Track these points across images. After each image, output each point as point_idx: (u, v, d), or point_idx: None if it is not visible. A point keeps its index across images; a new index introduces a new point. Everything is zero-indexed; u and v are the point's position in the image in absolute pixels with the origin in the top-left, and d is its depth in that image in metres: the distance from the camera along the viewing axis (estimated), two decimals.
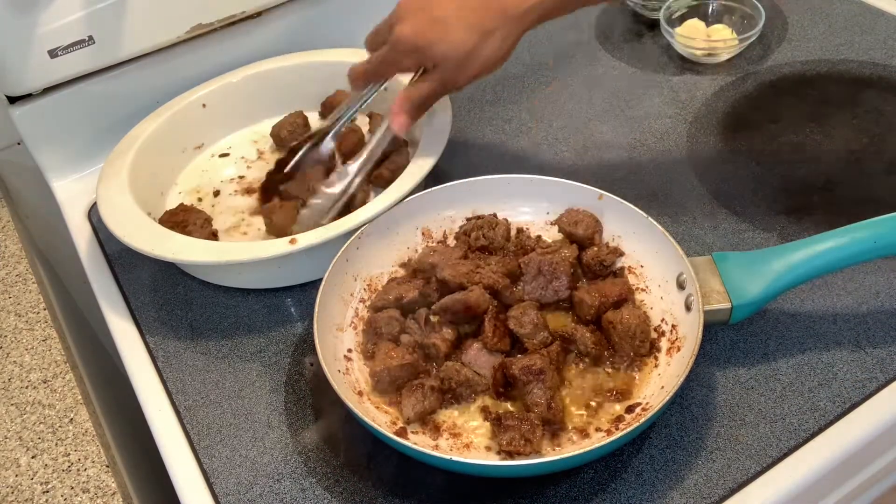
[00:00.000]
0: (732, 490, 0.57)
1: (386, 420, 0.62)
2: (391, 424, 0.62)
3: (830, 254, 0.62)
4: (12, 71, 0.83)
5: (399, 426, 0.61)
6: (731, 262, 0.64)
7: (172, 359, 0.72)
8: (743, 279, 0.63)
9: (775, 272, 0.62)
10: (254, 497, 0.61)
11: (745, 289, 0.62)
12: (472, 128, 0.92)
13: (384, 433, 0.56)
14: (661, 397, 0.57)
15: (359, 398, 0.63)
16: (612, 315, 0.64)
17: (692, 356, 0.58)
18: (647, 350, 0.63)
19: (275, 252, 0.69)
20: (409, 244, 0.74)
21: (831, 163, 0.81)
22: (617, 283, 0.67)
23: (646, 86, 0.94)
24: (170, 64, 0.91)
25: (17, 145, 0.96)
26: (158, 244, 0.72)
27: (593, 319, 0.65)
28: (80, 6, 0.82)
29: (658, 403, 0.56)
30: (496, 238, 0.72)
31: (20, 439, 0.65)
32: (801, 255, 0.62)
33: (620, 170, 0.83)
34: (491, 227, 0.73)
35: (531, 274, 0.68)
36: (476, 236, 0.72)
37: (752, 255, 0.64)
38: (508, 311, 0.65)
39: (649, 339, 0.64)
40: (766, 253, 0.64)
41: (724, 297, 0.62)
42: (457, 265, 0.68)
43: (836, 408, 0.61)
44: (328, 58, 0.92)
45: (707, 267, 0.64)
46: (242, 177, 0.87)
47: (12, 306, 0.77)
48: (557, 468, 0.58)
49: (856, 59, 0.92)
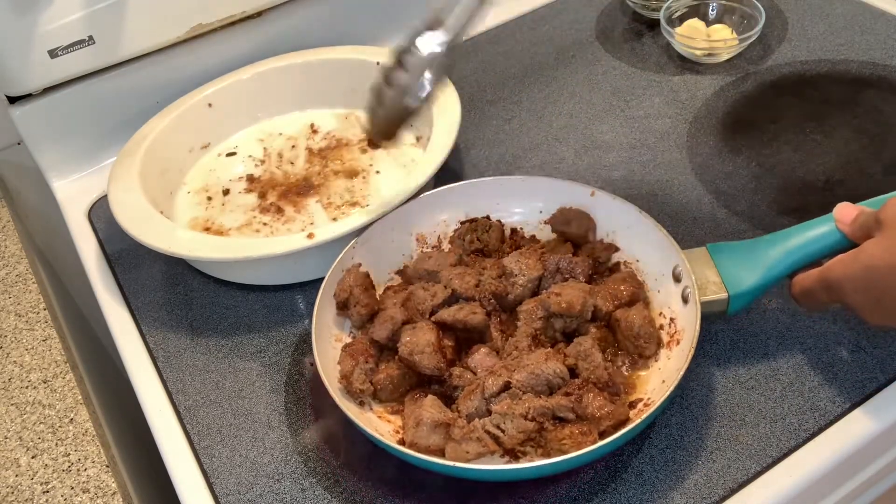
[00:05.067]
0: (732, 490, 0.57)
1: (388, 429, 0.62)
2: (394, 434, 0.61)
3: (824, 238, 0.61)
4: (12, 71, 0.83)
5: (401, 436, 0.61)
6: (726, 252, 0.64)
7: (172, 359, 0.72)
8: (738, 269, 0.62)
9: (771, 260, 0.62)
10: (254, 497, 0.61)
11: (741, 278, 0.62)
12: (472, 128, 0.92)
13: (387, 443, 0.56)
14: (662, 391, 0.57)
15: (360, 408, 0.63)
16: (619, 313, 0.64)
17: (692, 348, 0.57)
18: (651, 351, 0.63)
19: (291, 248, 0.69)
20: (403, 251, 0.74)
21: (831, 163, 0.81)
22: (629, 282, 0.67)
23: (646, 86, 0.94)
24: (170, 64, 0.91)
25: (17, 145, 0.97)
26: (174, 242, 0.72)
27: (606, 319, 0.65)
28: (80, 6, 0.82)
29: (659, 398, 0.56)
30: (491, 241, 0.72)
31: (20, 439, 0.65)
32: (795, 241, 0.62)
33: (620, 170, 0.83)
34: (485, 229, 0.72)
35: (550, 270, 0.68)
36: (470, 239, 0.72)
37: (747, 245, 0.64)
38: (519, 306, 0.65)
39: (655, 341, 0.63)
40: (761, 242, 0.64)
41: (721, 287, 0.62)
42: (463, 276, 0.67)
43: (836, 408, 0.61)
44: (334, 55, 0.92)
45: (702, 258, 0.64)
46: (251, 175, 0.87)
47: (12, 306, 0.77)
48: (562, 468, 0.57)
49: (856, 59, 0.92)
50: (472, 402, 0.59)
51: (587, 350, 0.60)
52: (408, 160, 0.86)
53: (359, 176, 0.85)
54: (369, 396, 0.63)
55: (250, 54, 0.93)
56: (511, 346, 0.64)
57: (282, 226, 0.80)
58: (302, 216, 0.81)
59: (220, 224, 0.82)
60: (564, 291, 0.64)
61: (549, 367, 0.59)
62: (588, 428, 0.57)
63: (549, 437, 0.57)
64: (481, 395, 0.59)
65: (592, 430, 0.57)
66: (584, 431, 0.56)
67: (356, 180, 0.84)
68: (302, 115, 0.94)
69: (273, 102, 0.93)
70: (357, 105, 0.93)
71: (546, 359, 0.60)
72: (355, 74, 0.91)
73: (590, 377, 0.59)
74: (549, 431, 0.57)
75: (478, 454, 0.57)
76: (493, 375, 0.60)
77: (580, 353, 0.60)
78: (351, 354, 0.64)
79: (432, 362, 0.61)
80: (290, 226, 0.80)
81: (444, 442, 0.58)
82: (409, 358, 0.62)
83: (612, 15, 1.05)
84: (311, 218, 0.81)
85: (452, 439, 0.57)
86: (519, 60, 1.00)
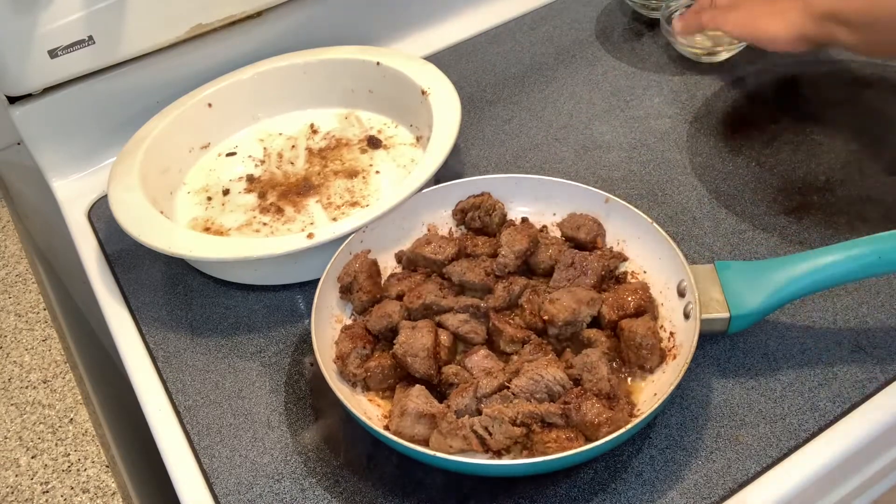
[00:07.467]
0: (732, 490, 0.57)
1: (378, 413, 0.62)
2: (383, 418, 0.62)
3: (833, 268, 0.61)
4: (12, 71, 0.83)
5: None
6: (733, 271, 0.64)
7: (172, 359, 0.72)
8: (743, 289, 0.62)
9: (776, 284, 0.62)
10: (254, 497, 0.61)
11: (744, 299, 0.62)
12: (472, 128, 0.92)
13: (375, 429, 0.57)
14: (651, 404, 0.58)
15: (352, 389, 0.63)
16: (625, 323, 0.63)
17: (685, 364, 0.57)
18: (654, 364, 0.62)
19: (291, 248, 0.69)
20: (413, 240, 0.74)
21: (831, 163, 0.81)
22: (639, 293, 0.66)
23: (646, 86, 0.94)
24: (170, 64, 0.91)
25: (17, 145, 0.97)
26: (174, 242, 0.72)
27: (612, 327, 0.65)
28: (80, 6, 0.82)
29: (647, 410, 0.56)
30: (491, 224, 0.73)
31: (20, 439, 0.65)
32: (803, 267, 0.62)
33: (620, 170, 0.83)
34: (488, 212, 0.73)
35: (564, 263, 0.68)
36: (472, 216, 0.74)
37: (755, 266, 0.64)
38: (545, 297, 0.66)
39: (657, 353, 0.62)
40: (769, 264, 0.64)
41: (724, 306, 0.62)
42: (473, 267, 0.68)
43: (836, 408, 0.61)
44: (334, 55, 0.92)
45: (709, 275, 0.64)
46: (251, 175, 0.87)
47: (12, 306, 0.77)
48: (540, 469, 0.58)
49: (856, 59, 0.92)
50: (464, 399, 0.59)
51: (594, 363, 0.60)
52: (408, 160, 0.86)
53: (359, 176, 0.85)
54: (360, 382, 0.64)
55: (250, 54, 0.93)
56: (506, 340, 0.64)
57: (282, 226, 0.80)
58: (302, 216, 0.81)
59: (220, 224, 0.82)
60: (562, 298, 0.64)
61: (549, 373, 0.59)
62: (575, 434, 0.57)
63: (535, 440, 0.57)
64: (473, 394, 0.59)
65: (579, 437, 0.57)
66: (570, 437, 0.57)
67: (356, 180, 0.84)
68: (302, 115, 0.94)
69: (273, 102, 0.93)
70: (357, 105, 0.94)
71: (547, 365, 0.60)
72: (355, 74, 0.91)
73: (592, 388, 0.59)
74: (535, 434, 0.57)
75: (460, 451, 0.57)
76: (489, 376, 0.60)
77: (586, 365, 0.60)
78: (350, 337, 0.65)
79: (424, 367, 0.62)
80: (290, 226, 0.80)
81: (429, 432, 0.58)
82: (402, 358, 0.62)
83: (612, 15, 1.05)
84: (311, 218, 0.81)
85: (438, 431, 0.58)
86: (519, 60, 1.00)
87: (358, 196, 0.82)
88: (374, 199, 0.81)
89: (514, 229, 0.71)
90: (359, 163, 0.87)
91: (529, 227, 0.72)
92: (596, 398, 0.58)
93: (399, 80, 0.88)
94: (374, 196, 0.82)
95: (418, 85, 0.85)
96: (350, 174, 0.85)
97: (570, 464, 0.58)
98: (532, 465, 0.55)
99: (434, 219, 0.76)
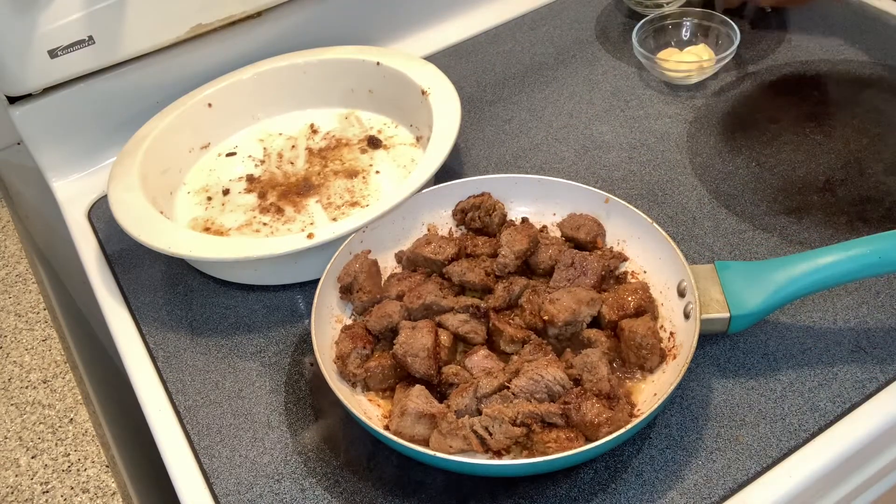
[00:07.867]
0: (732, 490, 0.57)
1: (378, 413, 0.62)
2: (383, 418, 0.62)
3: (833, 267, 0.61)
4: (12, 71, 0.83)
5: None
6: (733, 271, 0.64)
7: (172, 359, 0.72)
8: (743, 290, 0.62)
9: (776, 284, 0.62)
10: (254, 497, 0.61)
11: (744, 299, 0.62)
12: (472, 128, 0.92)
13: (375, 429, 0.57)
14: (651, 404, 0.58)
15: (352, 389, 0.63)
16: (625, 323, 0.63)
17: (685, 364, 0.57)
18: (654, 364, 0.62)
19: (291, 248, 0.69)
20: (413, 240, 0.75)
21: (831, 163, 0.81)
22: (639, 294, 0.66)
23: (646, 86, 0.94)
24: (170, 64, 0.91)
25: (17, 145, 0.97)
26: (174, 242, 0.72)
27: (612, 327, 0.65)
28: (80, 6, 0.82)
29: (647, 410, 0.56)
30: (491, 224, 0.73)
31: (20, 439, 0.65)
32: (803, 267, 0.62)
33: (620, 170, 0.83)
34: (488, 212, 0.74)
35: (564, 263, 0.68)
36: (472, 217, 0.74)
37: (755, 266, 0.64)
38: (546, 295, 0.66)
39: (657, 353, 0.62)
40: (769, 264, 0.64)
41: (724, 306, 0.62)
42: (473, 268, 0.69)
43: (836, 408, 0.61)
44: (334, 55, 0.92)
45: (709, 275, 0.64)
46: (251, 175, 0.87)
47: (12, 306, 0.77)
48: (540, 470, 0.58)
49: (856, 59, 0.92)
50: (464, 399, 0.59)
51: (594, 363, 0.60)
52: (408, 160, 0.86)
53: (359, 176, 0.85)
54: (360, 382, 0.64)
55: (250, 54, 0.93)
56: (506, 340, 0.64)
57: (282, 226, 0.80)
58: (302, 216, 0.81)
59: (220, 224, 0.82)
60: (562, 298, 0.64)
61: (549, 373, 0.59)
62: (575, 434, 0.57)
63: (535, 440, 0.57)
64: (473, 394, 0.59)
65: (579, 437, 0.57)
66: (570, 437, 0.57)
67: (356, 180, 0.84)
68: (302, 115, 0.94)
69: (273, 102, 0.93)
70: (357, 105, 0.94)
71: (547, 365, 0.60)
72: (355, 74, 0.91)
73: (591, 388, 0.59)
74: (535, 434, 0.57)
75: (460, 451, 0.57)
76: (489, 376, 0.60)
77: (586, 365, 0.60)
78: (350, 337, 0.65)
79: (424, 367, 0.62)
80: (290, 226, 0.80)
81: (429, 432, 0.58)
82: (402, 358, 0.62)
83: (611, 15, 1.05)
84: (311, 218, 0.81)
85: (438, 431, 0.58)
86: (519, 60, 1.00)
87: (358, 196, 0.82)
88: (374, 199, 0.81)
89: (514, 229, 0.71)
90: (359, 163, 0.87)
91: (529, 227, 0.72)
92: (596, 398, 0.58)
93: (399, 80, 0.88)
94: (374, 196, 0.82)
95: (418, 85, 0.85)
96: (350, 174, 0.85)
97: (570, 464, 0.58)
98: (532, 465, 0.55)
99: (434, 219, 0.76)
